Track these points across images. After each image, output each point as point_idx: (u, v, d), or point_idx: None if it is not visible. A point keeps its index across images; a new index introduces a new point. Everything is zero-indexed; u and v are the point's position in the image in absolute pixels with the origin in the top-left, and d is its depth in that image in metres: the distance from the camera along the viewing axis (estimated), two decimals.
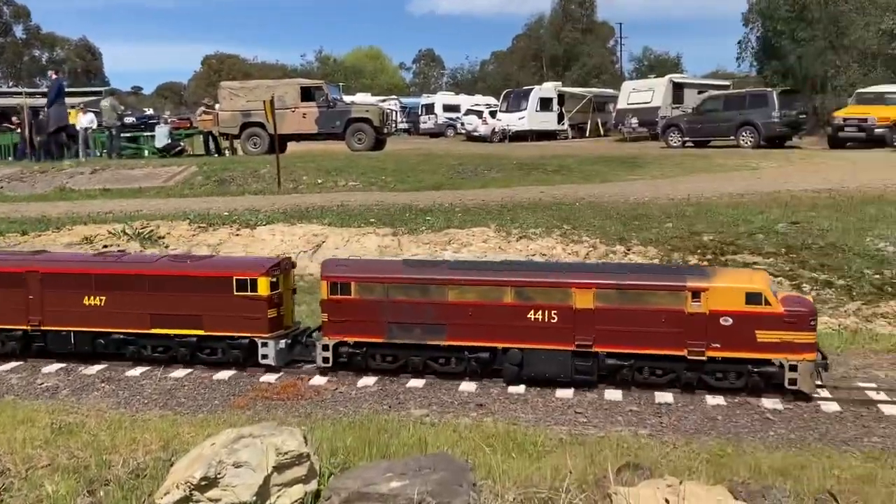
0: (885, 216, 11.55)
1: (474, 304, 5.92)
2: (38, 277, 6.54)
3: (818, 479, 3.98)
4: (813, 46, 31.66)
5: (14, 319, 6.61)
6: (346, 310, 6.10)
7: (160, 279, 6.44)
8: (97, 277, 6.51)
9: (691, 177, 18.10)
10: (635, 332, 5.66)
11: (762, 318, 5.49)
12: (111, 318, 6.49)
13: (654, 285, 5.78)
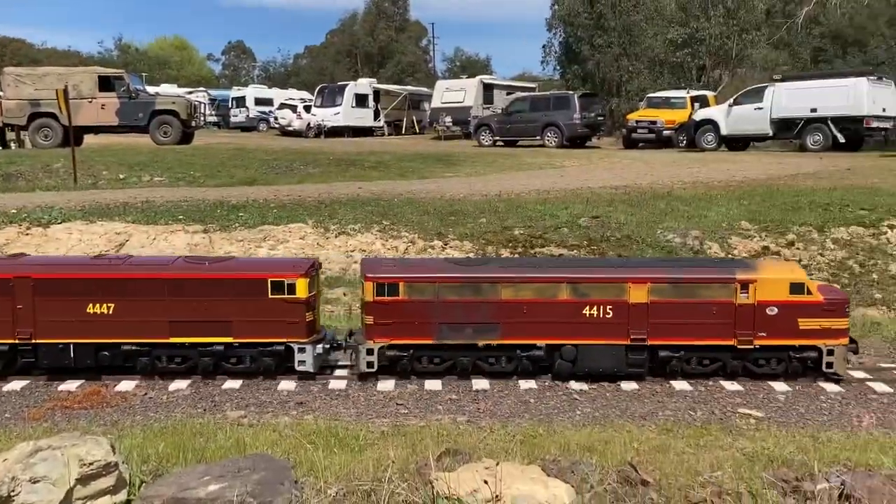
0: (672, 210, 12.62)
1: (529, 301, 5.78)
2: (30, 284, 5.63)
3: (620, 452, 4.29)
4: (609, 53, 34.05)
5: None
6: (394, 311, 5.76)
7: (182, 283, 5.76)
8: (105, 282, 5.71)
9: (502, 174, 18.87)
10: (687, 325, 5.78)
11: (804, 307, 5.79)
12: (121, 327, 5.72)
13: (706, 279, 5.92)
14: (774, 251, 10.89)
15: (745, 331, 5.77)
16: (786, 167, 18.56)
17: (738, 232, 11.49)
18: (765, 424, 4.86)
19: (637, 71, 34.36)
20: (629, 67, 34.19)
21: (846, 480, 3.81)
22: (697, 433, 4.69)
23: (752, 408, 5.14)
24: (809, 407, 5.13)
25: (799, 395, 5.35)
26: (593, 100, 29.56)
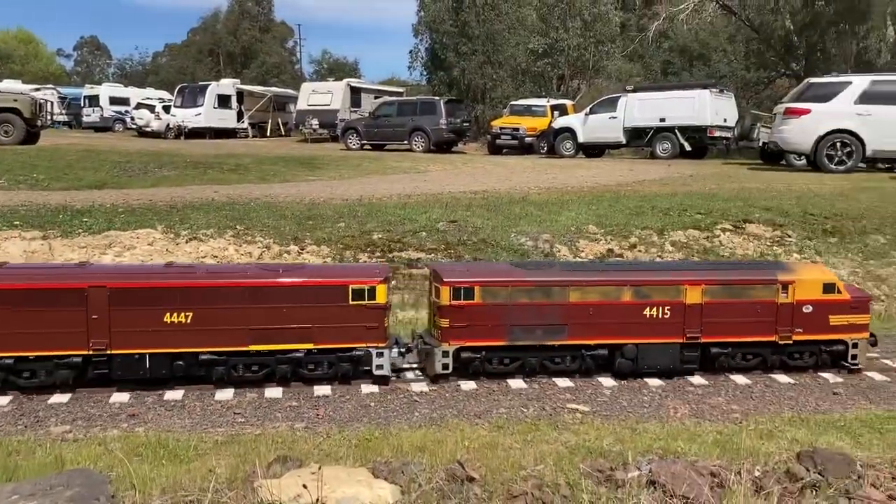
0: (527, 215, 13.06)
1: (595, 303, 6.05)
2: (106, 293, 5.44)
3: (451, 451, 4.42)
4: (474, 60, 34.78)
5: (70, 344, 5.40)
6: (469, 315, 5.89)
7: (264, 290, 5.70)
8: (184, 291, 5.58)
9: (366, 178, 18.91)
10: (736, 323, 6.17)
11: (834, 305, 6.33)
12: (199, 336, 5.59)
13: (753, 280, 6.35)
14: (618, 253, 11.48)
15: (785, 327, 6.31)
16: (636, 174, 19.61)
17: (585, 235, 12.02)
18: (590, 418, 5.13)
19: (501, 79, 35.29)
20: (493, 75, 35.07)
21: (653, 468, 4.09)
22: (527, 429, 4.89)
23: (580, 403, 5.41)
24: (632, 400, 5.46)
25: (623, 389, 5.68)
26: (459, 106, 30.10)
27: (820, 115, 19.94)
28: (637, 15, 40.96)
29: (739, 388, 5.74)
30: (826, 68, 29.12)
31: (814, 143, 19.79)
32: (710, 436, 4.71)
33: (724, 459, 4.34)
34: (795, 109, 20.27)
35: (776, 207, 13.26)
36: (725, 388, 5.72)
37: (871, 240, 12.09)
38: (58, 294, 5.44)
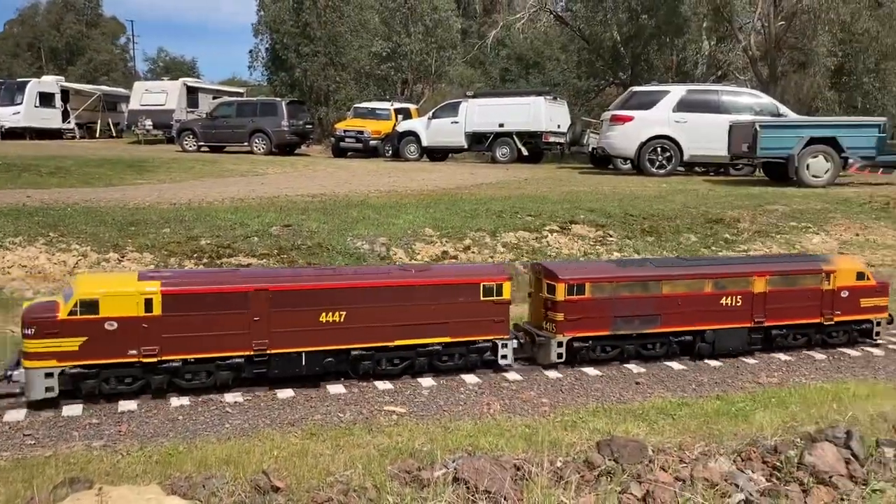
0: (364, 218, 13.02)
1: (682, 295, 6.72)
2: (268, 296, 5.64)
3: (258, 462, 4.29)
4: (316, 62, 34.34)
5: (234, 346, 5.59)
6: (581, 308, 6.43)
7: (407, 289, 6.04)
8: (338, 292, 5.87)
9: (200, 181, 18.20)
10: (791, 308, 7.03)
11: (865, 290, 7.33)
12: (350, 334, 5.89)
13: (805, 270, 7.26)
14: (453, 255, 11.68)
15: (828, 310, 7.24)
16: (476, 177, 20.06)
17: (422, 238, 12.13)
18: (406, 419, 5.15)
19: (344, 81, 35.08)
20: (336, 77, 34.79)
21: (458, 465, 4.16)
22: (340, 434, 4.84)
23: (398, 405, 5.42)
24: (449, 399, 5.54)
25: (442, 388, 5.76)
26: (301, 107, 29.65)
27: (642, 122, 21.19)
28: (478, 22, 42.03)
29: (551, 381, 5.97)
30: (650, 78, 31.13)
31: (637, 148, 20.98)
32: (519, 429, 4.85)
33: (529, 452, 4.49)
34: (620, 116, 21.46)
35: (600, 209, 13.96)
36: (538, 382, 5.93)
37: (684, 238, 12.98)
38: (223, 298, 5.59)
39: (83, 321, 5.22)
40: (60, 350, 5.20)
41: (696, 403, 5.46)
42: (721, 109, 21.32)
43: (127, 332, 5.31)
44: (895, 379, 6.26)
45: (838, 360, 6.77)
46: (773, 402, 5.46)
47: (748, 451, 4.56)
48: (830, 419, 4.95)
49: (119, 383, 5.45)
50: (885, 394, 5.63)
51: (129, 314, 5.31)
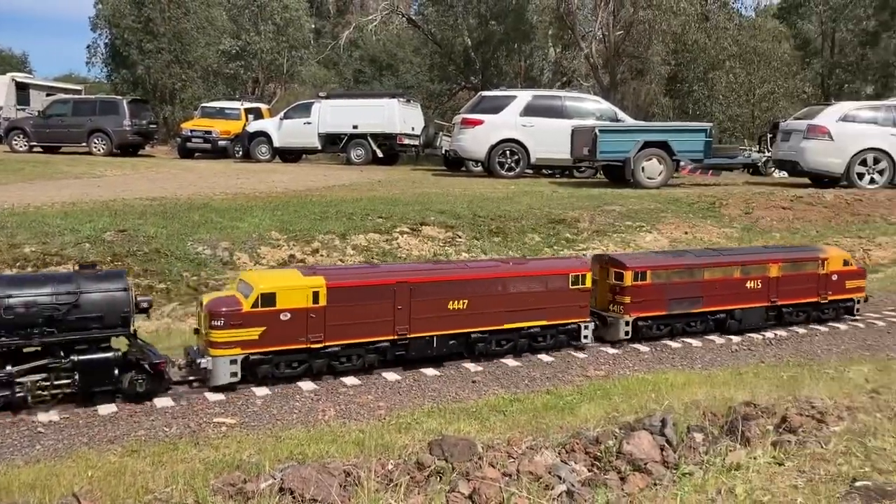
0: (207, 221, 12.55)
1: (719, 280, 7.83)
2: (409, 288, 6.37)
3: (68, 484, 4.02)
4: (160, 59, 32.88)
5: (381, 331, 6.24)
6: (644, 292, 7.37)
7: (514, 280, 6.85)
8: (462, 283, 6.63)
9: (29, 184, 16.93)
10: (797, 289, 8.33)
11: (849, 274, 8.71)
12: (471, 319, 6.63)
13: (806, 258, 8.56)
14: (300, 259, 11.48)
15: (823, 291, 8.52)
16: (328, 179, 19.83)
17: (268, 242, 11.85)
18: (236, 430, 4.99)
19: (191, 79, 33.82)
20: (182, 75, 33.47)
21: (284, 475, 4.07)
22: (164, 449, 4.62)
23: (229, 416, 5.25)
24: (283, 407, 5.41)
25: (276, 397, 5.62)
26: (145, 106, 28.28)
27: (491, 126, 21.69)
28: (331, 23, 41.68)
29: (389, 384, 5.97)
30: (500, 82, 31.97)
31: (487, 151, 21.45)
32: (353, 435, 4.82)
33: (361, 457, 4.46)
34: (470, 120, 21.87)
35: (450, 211, 14.17)
36: (376, 386, 5.91)
37: (529, 238, 13.40)
38: (374, 290, 6.28)
39: (263, 313, 5.81)
40: (244, 339, 5.76)
41: (528, 399, 5.63)
42: (565, 114, 22.14)
43: (298, 321, 5.93)
44: (709, 368, 6.72)
45: (660, 352, 7.19)
46: (598, 394, 5.72)
47: (572, 443, 4.75)
48: (649, 408, 5.24)
49: (287, 367, 5.98)
50: (699, 382, 6.03)
51: (300, 306, 5.95)
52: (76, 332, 5.16)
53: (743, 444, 4.85)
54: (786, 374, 6.34)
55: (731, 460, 4.59)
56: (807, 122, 19.57)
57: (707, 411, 5.20)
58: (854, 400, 5.60)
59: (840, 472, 4.45)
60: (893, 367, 6.64)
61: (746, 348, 7.42)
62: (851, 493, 4.21)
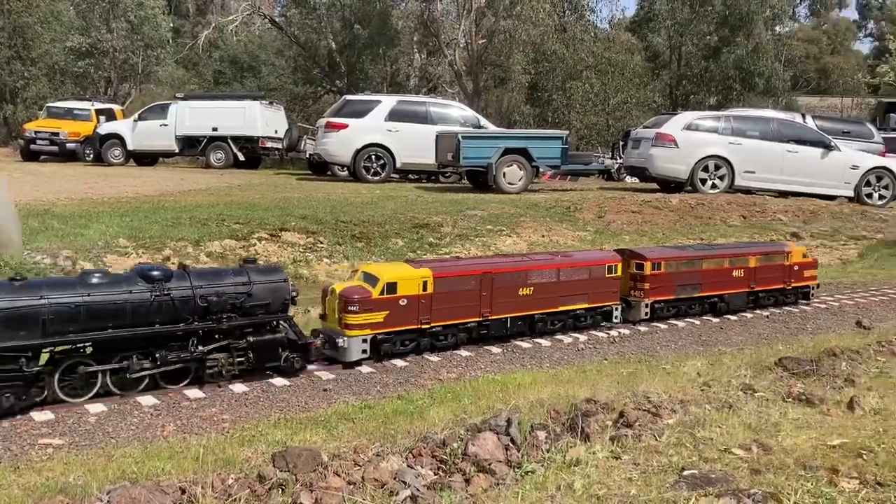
0: (47, 229, 11.79)
1: (713, 269, 9.14)
2: (490, 277, 7.46)
3: None
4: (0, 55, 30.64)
5: (470, 314, 7.37)
6: (659, 279, 8.70)
7: (567, 269, 8.08)
8: (530, 273, 7.78)
9: None
10: (769, 278, 9.72)
11: (806, 265, 10.18)
12: (535, 303, 7.81)
13: (777, 251, 10.01)
14: None
15: (788, 279, 9.96)
16: (185, 183, 19.10)
17: (115, 249, 11.27)
18: (64, 452, 4.68)
19: (34, 77, 31.64)
20: (25, 73, 31.26)
21: (112, 496, 3.85)
22: None
23: (57, 436, 4.91)
24: (118, 425, 5.12)
25: (112, 413, 5.31)
26: None
27: (356, 130, 21.63)
28: (191, 22, 40.22)
29: (235, 396, 5.78)
30: (365, 87, 31.90)
31: (352, 155, 21.37)
32: (193, 450, 4.61)
33: (199, 473, 4.28)
34: (335, 124, 21.71)
35: (312, 215, 13.97)
36: (221, 398, 5.71)
37: (392, 243, 13.41)
38: (466, 279, 7.35)
39: (387, 299, 6.80)
40: (372, 321, 6.74)
41: (378, 405, 5.60)
42: (429, 120, 22.36)
43: (412, 306, 6.97)
44: (556, 367, 6.94)
45: (511, 352, 7.35)
46: (448, 396, 5.77)
47: (419, 447, 4.75)
48: (496, 409, 5.33)
49: (401, 345, 6.98)
50: (546, 381, 6.20)
51: (414, 293, 6.97)
52: (250, 316, 6.17)
53: (583, 439, 5.02)
54: (626, 371, 6.63)
55: (571, 456, 4.74)
56: (654, 130, 20.69)
57: (551, 409, 5.35)
58: (687, 393, 5.93)
59: (671, 462, 4.68)
60: (724, 360, 7.09)
61: (592, 346, 7.71)
62: (679, 482, 4.44)
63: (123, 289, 5.58)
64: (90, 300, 5.38)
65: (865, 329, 8.80)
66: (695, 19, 36.98)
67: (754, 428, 5.27)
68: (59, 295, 5.31)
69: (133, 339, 5.60)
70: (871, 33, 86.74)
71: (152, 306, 5.65)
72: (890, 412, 5.61)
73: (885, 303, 10.48)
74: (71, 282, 5.63)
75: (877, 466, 4.65)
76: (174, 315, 5.77)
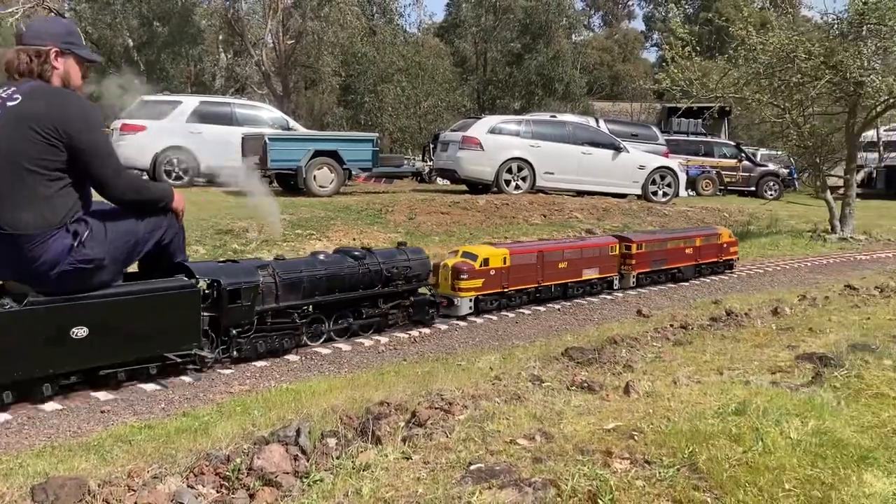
0: None
1: (674, 248, 12.13)
2: (542, 255, 10.01)
3: None
4: None
5: (530, 281, 9.88)
6: (641, 257, 11.50)
7: (589, 248, 10.83)
8: (565, 251, 10.40)
9: None
10: (708, 253, 12.71)
11: (731, 243, 13.20)
12: (568, 273, 10.37)
13: (713, 233, 13.05)
14: None
15: (720, 254, 12.94)
16: None
17: None
18: None
19: None
20: None
21: None
22: None
23: None
24: None
25: None
26: None
27: (156, 132, 20.56)
28: None
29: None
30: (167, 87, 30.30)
31: (152, 159, 20.33)
32: None
33: None
34: (131, 126, 20.51)
35: None
36: None
37: (193, 250, 12.76)
38: (528, 256, 9.88)
39: (484, 270, 9.16)
40: (475, 287, 9.09)
41: (161, 424, 5.27)
42: (235, 122, 21.70)
43: (498, 275, 9.33)
44: (355, 371, 6.89)
45: (309, 360, 7.22)
46: (238, 410, 5.54)
47: (200, 465, 4.51)
48: (287, 419, 5.19)
49: (491, 304, 9.37)
50: (342, 386, 6.13)
51: (499, 266, 9.31)
52: (410, 283, 8.38)
53: (374, 443, 5.00)
54: (423, 370, 6.71)
55: (360, 461, 4.70)
56: (461, 133, 21.29)
57: (343, 415, 5.29)
58: (479, 388, 6.08)
59: (459, 458, 4.76)
60: (516, 353, 7.36)
61: (392, 348, 7.73)
62: (466, 477, 4.52)
63: (343, 264, 7.69)
64: (326, 272, 7.50)
65: (645, 317, 9.48)
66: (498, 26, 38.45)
67: (539, 417, 5.48)
68: (310, 269, 7.39)
69: (347, 301, 7.76)
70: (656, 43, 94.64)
71: (359, 277, 7.79)
72: (660, 394, 6.05)
73: (663, 292, 11.47)
74: (311, 260, 7.64)
75: (645, 446, 4.98)
76: (370, 283, 7.92)
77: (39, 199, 4.95)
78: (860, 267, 14.66)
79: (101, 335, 5.57)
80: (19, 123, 4.89)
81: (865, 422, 5.04)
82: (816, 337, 7.76)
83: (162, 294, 5.94)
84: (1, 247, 4.99)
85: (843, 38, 17.98)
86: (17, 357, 5.21)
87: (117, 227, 5.49)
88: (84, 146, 5.11)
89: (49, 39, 5.18)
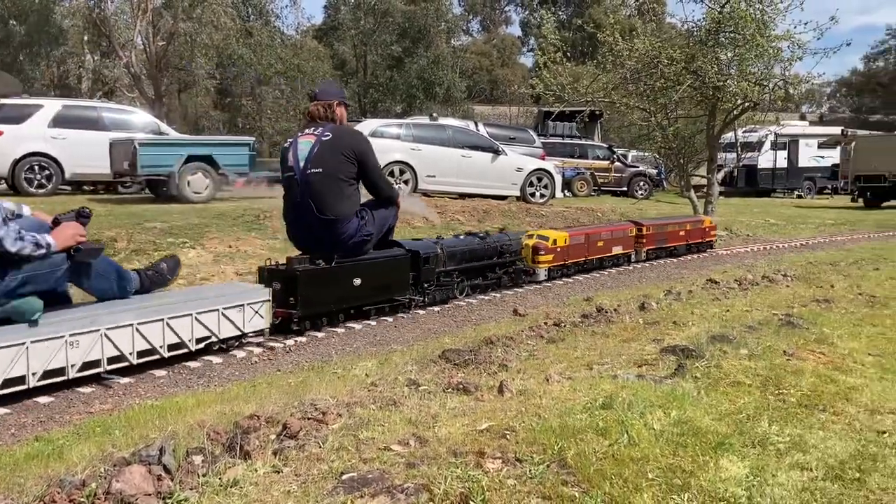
0: None
1: (671, 231, 15.48)
2: (588, 237, 13.05)
3: None
4: None
5: (580, 256, 13.04)
6: (650, 237, 14.62)
7: (616, 231, 13.98)
8: (602, 234, 13.50)
9: None
10: (695, 235, 16.16)
11: (712, 228, 16.80)
12: (603, 250, 13.40)
13: (698, 220, 16.92)
14: None
15: (703, 236, 16.33)
16: None
17: None
18: None
19: None
20: None
21: None
22: None
23: None
24: None
25: None
26: None
27: (14, 138, 19.48)
28: None
29: None
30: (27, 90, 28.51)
31: (11, 165, 19.25)
32: None
33: None
34: None
35: None
36: None
37: None
38: (578, 237, 12.99)
39: (553, 247, 12.27)
40: (548, 260, 12.21)
41: (8, 452, 4.92)
42: (102, 126, 20.76)
43: (562, 252, 12.44)
44: (226, 384, 6.68)
45: (177, 374, 6.95)
46: (97, 431, 5.25)
47: (52, 493, 4.24)
48: (150, 438, 4.96)
49: (556, 273, 12.44)
50: (211, 401, 5.92)
51: (562, 245, 12.46)
52: (512, 256, 11.60)
53: (243, 458, 4.85)
54: (297, 380, 6.58)
55: (228, 477, 4.55)
56: None
57: (211, 431, 5.10)
58: (354, 395, 6.02)
59: (332, 468, 4.68)
60: (394, 358, 7.33)
61: (266, 359, 7.55)
62: (338, 487, 4.46)
63: (475, 242, 10.85)
64: (468, 247, 10.61)
65: (521, 316, 9.66)
66: (378, 30, 38.41)
67: (414, 422, 5.48)
68: (460, 245, 10.58)
69: (479, 268, 10.80)
70: (532, 48, 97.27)
71: (484, 251, 10.85)
72: (532, 392, 6.17)
73: (538, 290, 11.74)
74: (460, 240, 10.86)
75: (517, 444, 5.06)
76: (490, 255, 10.92)
77: (345, 197, 8.02)
78: (721, 262, 15.61)
79: (366, 284, 8.68)
80: (333, 150, 7.86)
81: (723, 409, 5.32)
82: (680, 330, 8.12)
83: (395, 259, 9.18)
84: (324, 228, 8.01)
85: (703, 44, 19.04)
86: (327, 297, 8.34)
87: (378, 213, 8.55)
88: (367, 162, 8.17)
89: (332, 97, 8.23)
